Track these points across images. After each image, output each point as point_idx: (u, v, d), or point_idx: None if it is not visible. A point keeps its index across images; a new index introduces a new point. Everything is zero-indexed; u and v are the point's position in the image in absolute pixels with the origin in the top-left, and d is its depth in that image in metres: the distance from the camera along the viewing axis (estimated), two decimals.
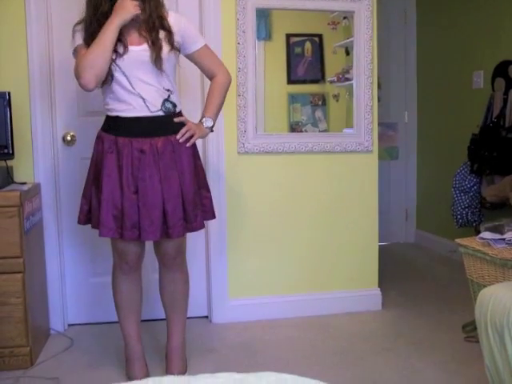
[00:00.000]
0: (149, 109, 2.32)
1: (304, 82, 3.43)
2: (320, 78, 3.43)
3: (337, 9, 3.33)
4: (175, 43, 2.35)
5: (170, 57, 2.34)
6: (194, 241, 3.31)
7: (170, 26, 2.35)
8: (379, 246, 3.57)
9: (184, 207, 2.37)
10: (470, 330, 2.97)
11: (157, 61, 2.28)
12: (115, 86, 2.32)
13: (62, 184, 3.17)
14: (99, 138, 2.40)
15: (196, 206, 2.42)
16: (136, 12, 2.26)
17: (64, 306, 3.23)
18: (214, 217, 2.60)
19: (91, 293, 3.28)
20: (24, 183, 2.92)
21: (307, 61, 3.38)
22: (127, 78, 2.29)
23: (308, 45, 3.37)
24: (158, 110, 2.34)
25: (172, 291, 2.56)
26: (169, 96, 2.36)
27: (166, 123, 2.37)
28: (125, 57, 2.28)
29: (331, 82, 3.43)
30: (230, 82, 2.59)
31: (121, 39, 2.27)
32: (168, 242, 2.44)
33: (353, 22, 3.34)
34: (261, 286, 3.39)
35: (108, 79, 2.30)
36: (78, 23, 2.38)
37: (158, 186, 2.31)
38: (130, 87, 2.30)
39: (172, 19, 2.38)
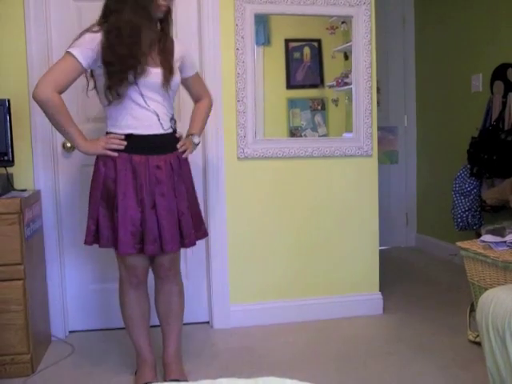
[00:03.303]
0: (162, 126, 2.40)
1: (303, 86, 3.43)
2: (319, 83, 3.44)
3: (335, 14, 3.34)
4: (177, 69, 2.46)
5: (176, 82, 2.44)
6: (194, 247, 3.31)
7: (175, 53, 2.46)
8: (380, 250, 3.57)
9: (192, 219, 2.49)
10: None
11: (167, 85, 2.36)
12: (130, 104, 2.34)
13: (62, 191, 3.18)
14: (108, 158, 2.36)
15: (199, 218, 2.59)
16: (103, 153, 2.33)
17: (65, 312, 3.23)
18: (207, 234, 2.73)
19: (92, 299, 3.28)
20: (24, 190, 2.92)
21: (306, 66, 3.38)
22: (142, 97, 2.34)
23: (307, 50, 3.38)
24: (169, 128, 2.44)
25: (167, 302, 2.61)
26: (172, 115, 2.48)
27: (174, 140, 2.48)
28: (143, 77, 2.30)
29: (330, 86, 3.43)
30: (212, 106, 2.79)
31: (140, 60, 2.29)
32: (164, 255, 2.48)
33: (351, 27, 3.35)
34: (262, 291, 3.38)
35: (118, 97, 2.30)
36: (93, 29, 2.31)
37: (174, 200, 2.40)
38: (145, 104, 2.34)
39: (176, 45, 2.49)
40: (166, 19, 2.41)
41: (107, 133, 2.40)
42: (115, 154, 2.33)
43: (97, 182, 2.39)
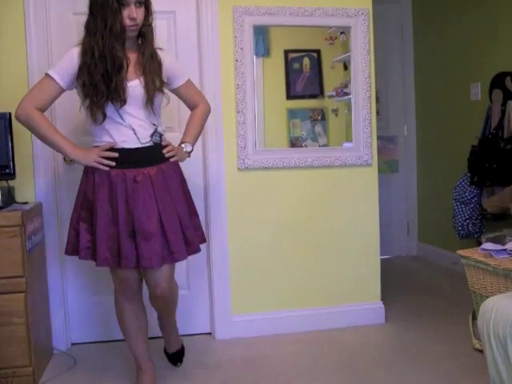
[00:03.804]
0: (139, 140, 2.41)
1: (303, 97, 3.44)
2: (319, 93, 3.45)
3: (333, 24, 3.36)
4: (163, 82, 2.46)
5: (157, 96, 2.44)
6: (195, 257, 3.31)
7: (161, 66, 2.45)
8: (381, 259, 3.57)
9: (183, 232, 2.46)
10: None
11: (148, 102, 2.39)
12: (106, 120, 2.38)
13: (64, 203, 3.18)
14: (88, 171, 2.44)
15: (192, 231, 2.52)
16: (94, 165, 2.38)
17: (67, 325, 3.22)
18: (205, 241, 2.71)
19: (94, 311, 3.28)
20: (25, 203, 2.93)
21: (306, 76, 3.40)
22: (118, 112, 2.37)
23: (306, 60, 3.40)
24: (148, 142, 2.43)
25: (161, 304, 2.63)
26: (155, 129, 2.46)
27: (156, 153, 2.46)
28: (128, 95, 2.35)
29: (330, 96, 3.45)
30: (209, 112, 2.77)
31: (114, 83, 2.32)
32: (148, 271, 2.47)
33: (350, 37, 3.37)
34: (263, 302, 3.38)
35: (100, 119, 2.37)
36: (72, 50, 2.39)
37: (155, 214, 2.37)
38: (120, 120, 2.37)
39: (161, 57, 2.48)
40: (142, 35, 2.41)
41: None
42: (106, 168, 2.38)
43: (78, 194, 2.52)
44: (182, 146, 2.59)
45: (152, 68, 2.40)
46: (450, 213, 4.24)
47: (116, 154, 2.38)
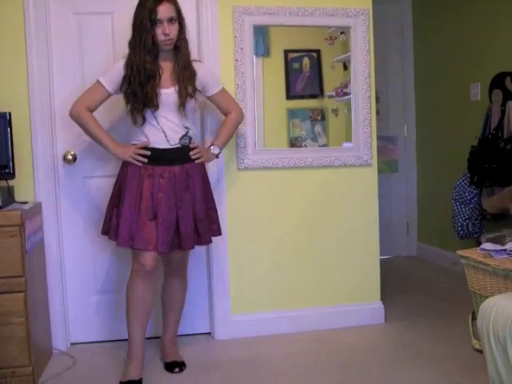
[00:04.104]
0: (169, 142, 2.72)
1: (303, 97, 3.45)
2: (319, 93, 3.45)
3: (333, 24, 3.35)
4: (196, 91, 2.76)
5: (190, 102, 2.73)
6: (195, 257, 3.31)
7: (195, 75, 2.76)
8: (381, 259, 3.57)
9: (196, 225, 2.75)
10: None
11: (181, 106, 2.70)
12: (144, 122, 2.71)
13: (63, 203, 3.18)
14: (124, 164, 2.77)
15: (206, 224, 2.81)
16: (129, 160, 2.70)
17: (66, 324, 3.22)
18: (220, 233, 2.97)
19: (93, 311, 3.27)
20: (25, 202, 2.93)
21: (305, 76, 3.40)
22: (154, 116, 2.70)
23: (306, 60, 3.40)
24: (177, 144, 2.74)
25: (174, 295, 2.95)
26: (187, 132, 2.77)
27: (183, 154, 2.76)
28: (160, 101, 2.66)
29: (330, 96, 3.45)
30: (242, 119, 3.06)
31: (157, 87, 2.66)
32: (175, 253, 2.82)
33: (350, 37, 3.37)
34: (263, 302, 3.38)
35: (140, 122, 2.71)
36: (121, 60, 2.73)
37: (173, 207, 2.68)
38: (155, 123, 2.70)
39: (195, 67, 2.78)
40: (177, 48, 2.71)
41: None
42: (139, 164, 2.70)
43: (116, 182, 2.84)
44: (211, 148, 2.90)
45: (185, 77, 2.71)
46: (449, 213, 4.24)
47: (148, 153, 2.70)
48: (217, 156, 2.93)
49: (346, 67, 3.44)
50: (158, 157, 2.71)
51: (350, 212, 3.45)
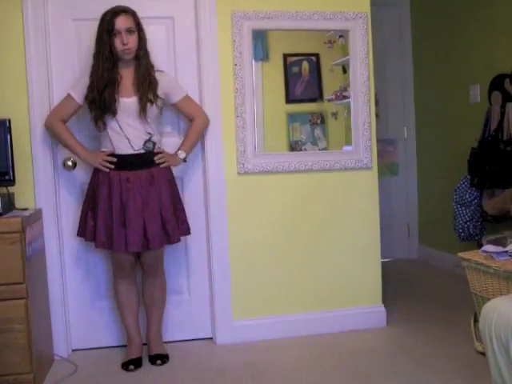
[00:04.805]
0: (133, 148, 2.90)
1: (302, 101, 3.45)
2: (318, 97, 3.45)
3: (332, 28, 3.36)
4: (158, 98, 2.91)
5: (152, 109, 2.90)
6: (196, 262, 3.31)
7: (155, 84, 2.91)
8: (382, 262, 3.57)
9: (163, 225, 2.91)
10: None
11: (141, 113, 2.87)
12: (109, 131, 2.89)
13: (63, 209, 3.18)
14: (96, 170, 2.95)
15: (173, 224, 2.95)
16: (98, 167, 2.90)
17: (67, 331, 3.21)
18: (189, 233, 3.10)
19: (94, 318, 3.27)
20: (25, 209, 2.93)
21: (305, 80, 3.40)
22: (118, 124, 2.88)
23: (305, 64, 3.40)
24: (140, 149, 2.91)
25: (151, 294, 3.10)
26: (150, 137, 2.93)
27: (147, 158, 2.93)
28: (120, 107, 2.85)
29: (329, 100, 3.45)
30: (207, 125, 3.17)
31: (116, 94, 2.85)
32: (148, 254, 3.00)
33: (348, 41, 3.37)
34: (264, 306, 3.37)
35: (101, 128, 2.90)
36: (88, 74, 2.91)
37: (140, 209, 2.86)
38: (119, 130, 2.88)
39: (157, 77, 2.94)
40: (137, 56, 2.89)
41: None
42: (106, 170, 2.89)
43: (88, 188, 3.01)
44: (178, 152, 3.04)
45: (145, 85, 2.87)
46: (450, 215, 4.24)
47: (114, 159, 2.89)
48: (184, 160, 3.06)
49: (345, 70, 3.44)
50: (123, 162, 2.89)
51: (351, 215, 3.45)
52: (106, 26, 2.79)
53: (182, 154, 3.04)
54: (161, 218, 2.90)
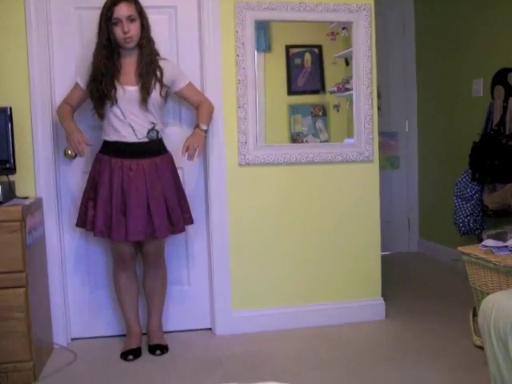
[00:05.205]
0: (136, 136, 2.88)
1: (304, 92, 3.43)
2: (320, 89, 3.44)
3: (335, 20, 3.34)
4: (163, 87, 2.91)
5: (156, 98, 2.88)
6: (196, 253, 3.31)
7: (161, 72, 2.90)
8: (382, 255, 3.57)
9: (168, 214, 2.91)
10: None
11: (143, 102, 2.85)
12: (112, 118, 2.87)
13: (64, 198, 3.18)
14: (97, 158, 2.94)
15: (178, 213, 2.96)
16: (68, 142, 2.88)
17: (67, 320, 3.22)
18: (192, 222, 3.10)
19: (94, 307, 3.28)
20: (26, 198, 2.93)
21: (307, 72, 3.39)
22: (121, 111, 2.86)
23: (308, 56, 3.39)
24: (144, 137, 2.89)
25: (152, 284, 3.09)
26: (153, 127, 2.92)
27: (151, 147, 2.92)
28: (122, 95, 2.83)
29: (331, 92, 3.44)
30: (213, 109, 3.12)
31: (116, 82, 2.84)
32: (150, 244, 2.98)
33: (351, 33, 3.36)
34: (264, 298, 3.38)
35: (102, 116, 2.89)
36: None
37: (143, 198, 2.84)
38: (122, 118, 2.86)
39: (162, 65, 2.92)
40: (140, 45, 2.87)
41: (104, 141, 2.95)
42: (77, 152, 2.86)
43: (89, 176, 2.97)
44: (200, 125, 2.97)
45: (148, 74, 2.86)
46: (451, 209, 4.23)
47: (90, 144, 2.90)
48: (205, 133, 3.03)
49: (347, 63, 3.43)
50: (126, 150, 2.87)
51: (351, 208, 3.44)
52: (105, 13, 2.78)
53: (203, 126, 2.98)
54: (166, 207, 2.90)
